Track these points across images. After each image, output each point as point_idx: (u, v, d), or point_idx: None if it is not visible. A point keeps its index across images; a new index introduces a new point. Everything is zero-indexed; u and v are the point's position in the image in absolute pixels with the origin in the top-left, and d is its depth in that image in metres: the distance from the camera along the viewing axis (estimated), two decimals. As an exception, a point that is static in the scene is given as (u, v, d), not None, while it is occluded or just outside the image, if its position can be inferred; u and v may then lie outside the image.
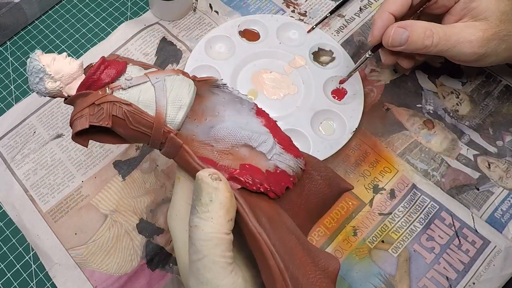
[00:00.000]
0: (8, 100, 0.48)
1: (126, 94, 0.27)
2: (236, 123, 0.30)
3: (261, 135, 0.30)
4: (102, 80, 0.28)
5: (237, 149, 0.30)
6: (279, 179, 0.30)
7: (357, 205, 0.41)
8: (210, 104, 0.31)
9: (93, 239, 0.41)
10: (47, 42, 0.52)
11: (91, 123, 0.27)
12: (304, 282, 0.25)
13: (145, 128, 0.27)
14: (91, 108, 0.27)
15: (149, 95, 0.27)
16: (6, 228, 0.42)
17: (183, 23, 0.52)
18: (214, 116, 0.30)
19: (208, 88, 0.30)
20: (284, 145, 0.31)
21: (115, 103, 0.27)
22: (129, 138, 0.29)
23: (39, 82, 0.27)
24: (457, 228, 0.40)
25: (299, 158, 0.31)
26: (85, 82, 0.28)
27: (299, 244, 0.28)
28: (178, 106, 0.28)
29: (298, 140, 0.44)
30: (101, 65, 0.28)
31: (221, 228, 0.25)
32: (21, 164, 0.44)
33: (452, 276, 0.38)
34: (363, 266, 0.39)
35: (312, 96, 0.46)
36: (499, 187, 0.42)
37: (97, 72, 0.28)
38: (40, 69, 0.27)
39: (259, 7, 0.53)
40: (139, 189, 0.43)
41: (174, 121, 0.28)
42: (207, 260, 0.25)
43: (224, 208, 0.25)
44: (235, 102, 0.30)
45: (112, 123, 0.27)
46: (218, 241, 0.25)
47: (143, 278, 0.39)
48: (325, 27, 0.51)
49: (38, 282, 0.40)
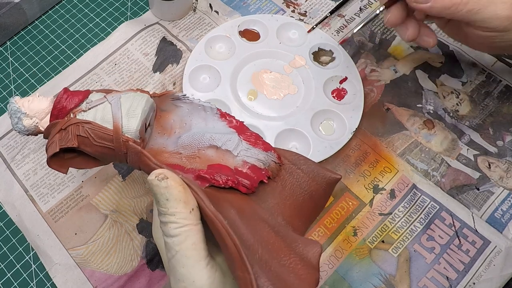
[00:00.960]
0: (8, 100, 0.48)
1: (87, 115, 0.30)
2: (202, 129, 0.32)
3: (225, 135, 0.32)
4: (67, 108, 0.31)
5: (203, 152, 0.31)
6: (250, 174, 0.30)
7: (357, 205, 0.41)
8: (176, 117, 0.33)
9: (93, 239, 0.41)
10: (47, 42, 0.52)
11: (60, 146, 0.29)
12: (275, 264, 0.25)
13: (107, 142, 0.29)
14: (60, 134, 0.30)
15: (107, 112, 0.30)
16: (6, 228, 0.42)
17: (183, 23, 0.52)
18: (182, 128, 0.33)
19: (171, 102, 0.33)
20: (251, 141, 0.32)
21: (77, 124, 0.29)
22: (99, 156, 0.31)
23: (18, 122, 0.31)
24: (457, 228, 0.40)
25: (270, 152, 0.32)
26: (53, 112, 0.31)
27: (273, 231, 0.28)
28: (131, 116, 0.30)
29: (298, 140, 0.44)
30: (64, 94, 0.31)
31: (185, 221, 0.25)
32: (21, 164, 0.44)
33: (453, 276, 0.38)
34: (363, 266, 0.39)
35: (312, 96, 0.46)
36: (499, 187, 0.42)
37: (61, 101, 0.31)
38: (17, 110, 0.30)
39: (259, 7, 0.53)
40: (139, 189, 0.43)
41: (130, 130, 0.29)
42: (179, 255, 0.25)
43: (181, 202, 0.25)
44: (199, 110, 0.33)
45: (78, 143, 0.29)
46: (186, 234, 0.25)
47: (143, 278, 0.39)
48: (325, 27, 0.51)
49: (38, 282, 0.40)
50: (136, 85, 0.48)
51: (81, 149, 0.30)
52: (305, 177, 0.32)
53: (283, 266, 0.26)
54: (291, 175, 0.32)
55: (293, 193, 0.32)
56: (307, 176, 0.32)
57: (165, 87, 0.47)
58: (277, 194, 0.31)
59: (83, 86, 0.48)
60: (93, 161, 0.32)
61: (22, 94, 0.48)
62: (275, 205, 0.31)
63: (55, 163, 0.31)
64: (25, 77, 0.50)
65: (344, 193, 0.42)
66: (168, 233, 0.25)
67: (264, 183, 0.31)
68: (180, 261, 0.25)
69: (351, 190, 0.42)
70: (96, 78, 0.48)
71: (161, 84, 0.48)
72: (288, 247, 0.27)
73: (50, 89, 0.48)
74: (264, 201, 0.30)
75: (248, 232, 0.26)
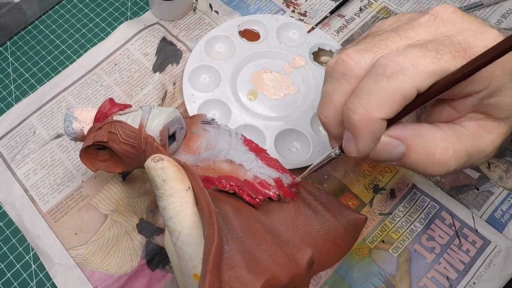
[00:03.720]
0: (8, 100, 0.48)
1: (121, 117, 0.34)
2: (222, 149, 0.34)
3: (242, 153, 0.33)
4: (108, 113, 0.35)
5: (218, 164, 0.33)
6: (258, 187, 0.30)
7: (357, 205, 0.41)
8: (204, 140, 0.36)
9: (93, 239, 0.40)
10: (47, 42, 0.52)
11: (94, 140, 0.33)
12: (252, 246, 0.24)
13: (131, 140, 0.32)
14: (96, 131, 0.34)
15: (137, 115, 0.33)
16: (6, 228, 0.42)
17: (183, 23, 0.52)
18: (208, 149, 0.35)
19: (200, 126, 0.36)
20: (268, 162, 0.33)
21: (111, 122, 0.33)
22: (123, 155, 0.33)
23: (68, 125, 0.35)
24: (458, 228, 0.40)
25: (285, 174, 0.32)
26: (96, 115, 0.35)
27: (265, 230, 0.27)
28: (156, 118, 0.33)
29: (298, 140, 0.44)
30: (109, 103, 0.35)
31: (183, 199, 0.25)
32: (21, 164, 0.44)
33: (453, 276, 0.38)
34: (363, 266, 0.39)
35: (312, 96, 0.46)
36: (499, 187, 0.42)
37: (105, 108, 0.35)
38: (70, 115, 0.36)
39: (259, 7, 0.53)
40: (139, 189, 0.43)
41: (151, 129, 0.32)
42: (183, 235, 0.25)
43: (177, 180, 0.26)
44: (225, 134, 0.35)
45: (108, 138, 0.33)
46: (186, 213, 0.25)
47: (143, 278, 0.39)
48: (325, 27, 0.51)
49: (38, 282, 0.40)
50: (136, 85, 0.48)
51: (109, 145, 0.33)
52: (323, 211, 0.31)
53: (260, 250, 0.25)
54: (308, 205, 0.31)
55: (306, 222, 0.30)
56: (326, 210, 0.31)
57: (165, 87, 0.47)
58: (289, 221, 0.30)
59: (83, 86, 0.48)
60: (120, 165, 0.35)
61: (22, 94, 0.48)
62: (285, 230, 0.29)
63: (86, 158, 0.35)
64: (25, 77, 0.49)
65: (344, 193, 0.42)
66: (168, 215, 0.25)
67: (273, 201, 0.30)
68: (185, 241, 0.25)
69: (351, 190, 0.42)
70: (96, 78, 0.48)
71: (161, 84, 0.48)
72: (275, 244, 0.25)
73: (50, 89, 0.48)
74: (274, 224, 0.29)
75: (238, 224, 0.25)
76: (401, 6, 0.52)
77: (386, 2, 0.52)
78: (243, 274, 0.22)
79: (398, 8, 0.51)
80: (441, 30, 0.25)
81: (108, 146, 0.33)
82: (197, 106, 0.45)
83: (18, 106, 0.47)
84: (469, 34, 0.24)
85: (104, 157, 0.35)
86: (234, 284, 0.21)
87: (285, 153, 0.43)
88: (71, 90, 0.48)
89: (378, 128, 0.24)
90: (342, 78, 0.25)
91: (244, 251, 0.23)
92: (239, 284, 0.21)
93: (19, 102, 0.48)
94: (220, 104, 0.45)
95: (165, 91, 0.47)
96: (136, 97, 0.47)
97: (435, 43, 0.23)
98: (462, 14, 0.25)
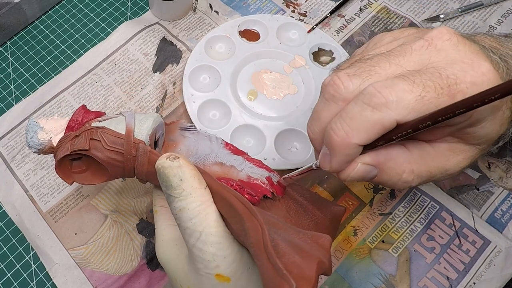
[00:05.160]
0: (8, 100, 0.48)
1: (102, 124, 0.31)
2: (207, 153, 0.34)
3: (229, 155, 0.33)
4: (83, 121, 0.32)
5: (209, 167, 0.32)
6: (254, 186, 0.31)
7: (357, 205, 0.41)
8: (184, 146, 0.35)
9: (93, 239, 0.40)
10: (47, 42, 0.52)
11: (72, 149, 0.30)
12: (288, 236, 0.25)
13: (118, 146, 0.30)
14: (73, 140, 0.31)
15: (120, 121, 0.31)
16: (6, 228, 0.42)
17: (183, 23, 0.52)
18: (189, 155, 0.34)
19: (179, 132, 0.35)
20: (255, 163, 0.33)
21: (92, 129, 0.31)
22: (107, 164, 0.31)
23: (33, 136, 0.32)
24: (458, 228, 0.40)
25: (273, 173, 0.33)
26: (69, 123, 0.32)
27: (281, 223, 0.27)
28: (143, 123, 0.31)
29: (298, 140, 0.44)
30: (82, 109, 0.32)
31: (203, 198, 0.25)
32: (21, 164, 0.44)
33: (453, 276, 0.38)
34: (363, 266, 0.39)
35: (312, 96, 0.46)
36: (499, 187, 0.42)
37: (79, 114, 0.32)
38: (34, 124, 0.32)
39: (259, 7, 0.53)
40: (139, 189, 0.43)
41: (141, 133, 0.31)
42: (204, 235, 0.24)
43: (196, 178, 0.25)
44: (205, 139, 0.35)
45: (90, 146, 0.30)
46: (207, 211, 0.25)
47: (143, 278, 0.39)
48: (325, 27, 0.51)
49: (38, 282, 0.40)
50: (136, 85, 0.48)
51: (91, 154, 0.30)
52: (309, 206, 0.33)
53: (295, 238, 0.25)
54: (295, 201, 0.33)
55: (298, 218, 0.31)
56: (312, 205, 0.33)
57: (165, 87, 0.47)
58: (282, 218, 0.31)
59: (83, 86, 0.48)
60: (100, 175, 0.32)
61: (22, 94, 0.48)
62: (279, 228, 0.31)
63: (62, 170, 0.31)
64: (25, 77, 0.49)
65: (344, 193, 0.42)
66: (188, 216, 0.25)
67: (269, 198, 0.31)
68: (207, 240, 0.24)
69: (351, 190, 0.42)
70: (96, 78, 0.48)
71: (161, 84, 0.48)
72: (296, 231, 0.26)
73: (50, 89, 0.48)
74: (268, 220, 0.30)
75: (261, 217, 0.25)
76: (401, 6, 0.52)
77: (386, 2, 0.52)
78: (297, 260, 0.22)
79: (398, 8, 0.51)
80: (433, 60, 0.25)
81: (89, 154, 0.30)
82: (197, 106, 0.45)
83: (18, 106, 0.47)
84: (460, 67, 0.24)
85: (80, 168, 0.32)
86: (293, 270, 0.22)
87: (285, 153, 0.43)
88: (71, 90, 0.48)
89: (353, 152, 0.25)
90: (331, 99, 0.27)
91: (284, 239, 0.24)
92: (297, 269, 0.22)
93: (19, 102, 0.48)
94: (220, 104, 0.45)
95: (165, 91, 0.47)
96: (136, 97, 0.47)
97: (423, 77, 0.24)
98: (457, 42, 0.25)
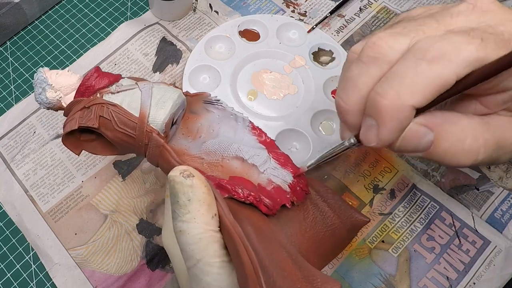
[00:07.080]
0: (8, 100, 0.48)
1: (115, 98, 0.28)
2: (230, 139, 0.30)
3: (253, 149, 0.30)
4: (95, 87, 0.29)
5: (227, 161, 0.29)
6: (273, 194, 0.28)
7: (357, 205, 0.41)
8: (205, 122, 0.31)
9: (93, 239, 0.40)
10: (47, 42, 0.52)
11: (80, 124, 0.28)
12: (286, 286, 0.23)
13: (129, 129, 0.28)
14: (82, 112, 0.28)
15: (135, 98, 0.28)
16: (6, 228, 0.42)
17: (183, 23, 0.52)
18: (209, 134, 0.31)
19: (203, 105, 0.31)
20: (280, 161, 0.30)
21: (102, 104, 0.28)
22: (117, 144, 0.29)
23: (41, 92, 0.29)
24: (458, 228, 0.40)
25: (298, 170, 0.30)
26: (80, 88, 0.29)
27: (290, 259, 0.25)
28: (161, 107, 0.28)
29: (298, 140, 0.44)
30: (95, 73, 0.29)
31: (207, 227, 0.23)
32: (21, 164, 0.44)
33: (453, 276, 0.38)
34: (363, 266, 0.39)
35: (312, 96, 0.46)
36: (499, 187, 0.42)
37: (91, 79, 0.29)
38: (43, 80, 0.29)
39: (259, 7, 0.53)
40: (139, 189, 0.43)
41: (156, 121, 0.28)
42: (202, 264, 0.22)
43: (205, 204, 0.23)
44: (230, 119, 0.31)
45: (99, 124, 0.28)
46: (208, 241, 0.23)
47: (143, 278, 0.39)
48: (325, 27, 0.51)
49: (38, 282, 0.40)
50: (136, 85, 0.48)
51: (101, 131, 0.28)
52: (329, 212, 0.30)
53: None
54: (316, 207, 0.30)
55: (314, 226, 0.29)
56: (333, 211, 0.30)
57: (165, 87, 0.47)
58: (297, 224, 0.29)
59: (83, 86, 0.48)
60: (109, 148, 0.30)
61: (22, 94, 0.48)
62: (293, 234, 0.28)
63: (70, 141, 0.29)
64: (25, 77, 0.49)
65: (344, 193, 0.42)
66: (186, 240, 0.23)
67: (287, 207, 0.29)
68: (203, 270, 0.23)
69: (351, 190, 0.42)
70: (96, 78, 0.48)
71: (161, 84, 0.48)
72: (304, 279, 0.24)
73: (50, 89, 0.48)
74: (283, 227, 0.28)
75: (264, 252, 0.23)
76: (401, 6, 0.52)
77: (386, 2, 0.52)
78: None
79: (398, 8, 0.51)
80: (482, 20, 0.22)
81: (99, 132, 0.28)
82: (197, 106, 0.45)
83: (18, 106, 0.47)
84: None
85: (89, 137, 0.30)
86: None
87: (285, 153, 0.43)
88: (71, 90, 0.48)
89: (406, 116, 0.21)
90: (373, 62, 0.23)
91: None
92: None
93: (19, 102, 0.48)
94: (220, 104, 0.45)
95: (165, 91, 0.47)
96: (136, 97, 0.47)
97: (478, 31, 0.21)
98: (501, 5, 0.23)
